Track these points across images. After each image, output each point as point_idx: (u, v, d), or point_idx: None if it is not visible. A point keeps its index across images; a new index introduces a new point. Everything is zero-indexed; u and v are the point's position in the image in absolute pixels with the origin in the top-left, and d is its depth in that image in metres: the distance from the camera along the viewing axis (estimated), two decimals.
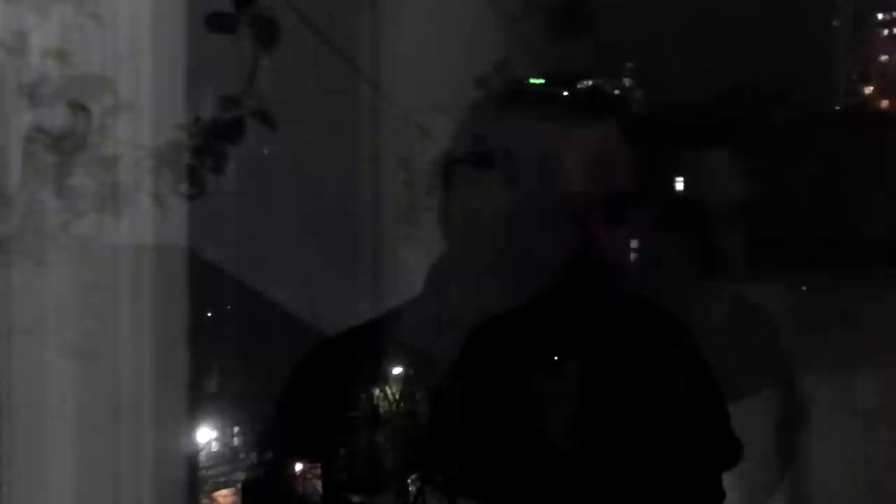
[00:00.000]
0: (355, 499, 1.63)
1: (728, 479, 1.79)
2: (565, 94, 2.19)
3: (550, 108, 1.66)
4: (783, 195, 2.78)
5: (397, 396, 1.64)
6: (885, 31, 3.10)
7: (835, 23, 3.09)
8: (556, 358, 1.61)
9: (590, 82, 2.68)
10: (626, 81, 2.81)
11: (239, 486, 1.95)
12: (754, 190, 2.33)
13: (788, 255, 2.69)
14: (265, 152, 2.08)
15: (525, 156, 1.59)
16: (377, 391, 1.63)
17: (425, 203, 1.65)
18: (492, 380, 1.65)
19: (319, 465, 1.63)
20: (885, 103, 3.08)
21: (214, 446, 2.06)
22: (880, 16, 3.11)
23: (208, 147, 1.70)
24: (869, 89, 3.08)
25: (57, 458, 1.66)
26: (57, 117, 1.60)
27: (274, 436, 1.66)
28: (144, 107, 1.66)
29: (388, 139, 1.95)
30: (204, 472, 2.04)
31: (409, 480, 1.63)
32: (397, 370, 1.66)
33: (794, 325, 2.51)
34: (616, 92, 2.77)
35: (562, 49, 2.12)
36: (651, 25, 2.73)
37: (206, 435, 2.04)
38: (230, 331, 2.19)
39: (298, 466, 1.65)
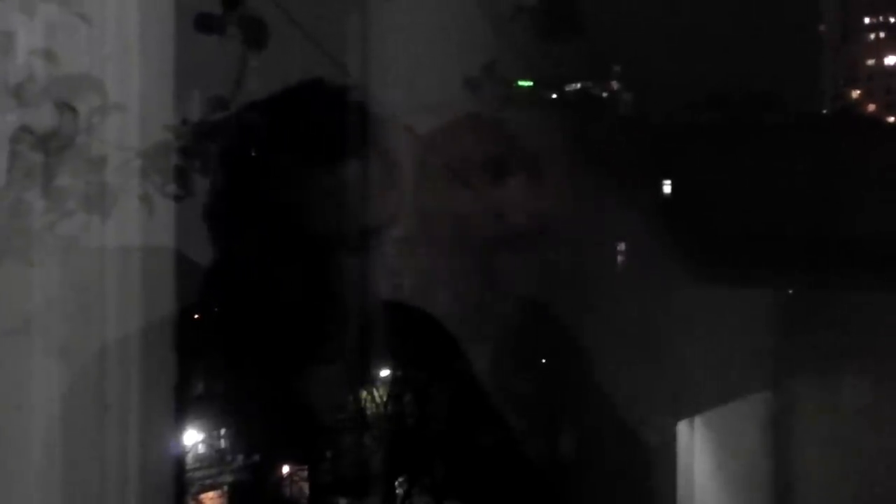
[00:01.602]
0: (342, 501, 1.63)
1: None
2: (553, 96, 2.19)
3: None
4: (770, 199, 2.78)
5: (384, 399, 1.64)
6: (872, 36, 3.11)
7: (822, 27, 3.10)
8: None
9: (577, 85, 2.69)
10: (615, 84, 2.82)
11: (226, 488, 1.94)
12: None
13: (775, 259, 2.70)
14: (253, 154, 2.07)
15: None
16: (364, 393, 1.63)
17: (411, 204, 1.65)
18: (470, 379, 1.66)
19: (306, 467, 1.63)
20: (871, 107, 3.09)
21: (201, 448, 2.05)
22: (867, 20, 3.12)
23: (196, 148, 1.69)
24: (856, 93, 3.09)
25: (42, 459, 1.65)
26: (44, 117, 1.59)
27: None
28: (132, 107, 1.66)
29: (377, 140, 1.95)
30: (190, 474, 2.02)
31: (395, 483, 1.62)
32: (384, 372, 1.66)
33: (781, 329, 2.52)
34: (604, 95, 2.78)
35: (551, 52, 2.12)
36: (639, 29, 2.74)
37: (192, 437, 2.03)
38: (217, 332, 2.18)
39: (285, 469, 1.64)
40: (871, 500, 2.37)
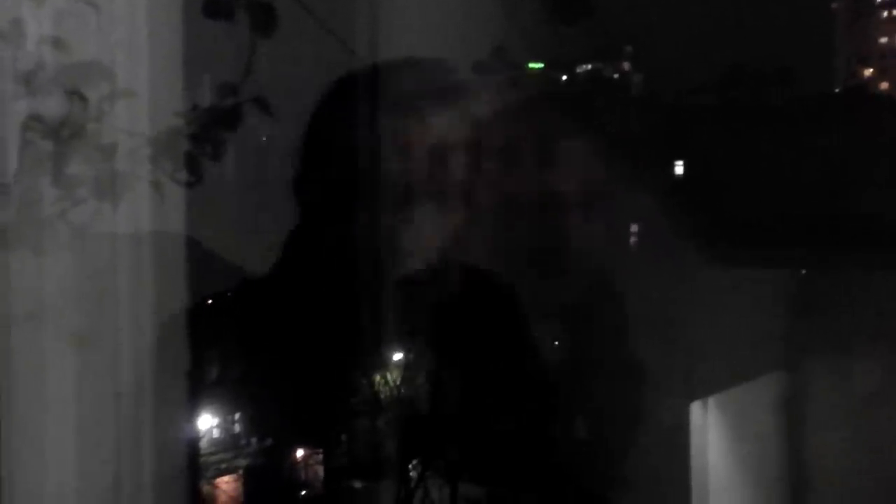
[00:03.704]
0: (357, 484, 1.63)
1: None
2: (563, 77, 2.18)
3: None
4: (782, 178, 2.77)
5: (398, 382, 1.64)
6: (885, 13, 3.09)
7: (834, 4, 3.08)
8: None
9: (588, 66, 2.68)
10: (625, 65, 2.81)
11: (241, 472, 1.95)
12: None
13: (787, 238, 2.69)
14: (263, 139, 2.08)
15: None
16: (378, 377, 1.64)
17: (420, 188, 1.65)
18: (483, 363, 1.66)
19: (321, 451, 1.63)
20: (884, 85, 3.07)
21: (216, 433, 2.06)
22: None
23: (206, 134, 1.69)
24: (868, 71, 3.07)
25: (57, 445, 1.66)
26: (54, 105, 1.59)
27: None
28: (142, 94, 1.66)
29: (386, 125, 1.94)
30: (205, 458, 2.04)
31: (410, 466, 1.63)
32: (397, 356, 1.66)
33: (794, 309, 2.51)
34: (615, 76, 2.77)
35: (560, 34, 2.11)
36: (650, 8, 2.72)
37: (207, 422, 2.04)
38: (230, 318, 2.19)
39: (300, 453, 1.65)
40: (884, 482, 2.37)
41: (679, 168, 2.62)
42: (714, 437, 2.42)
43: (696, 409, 2.43)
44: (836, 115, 2.86)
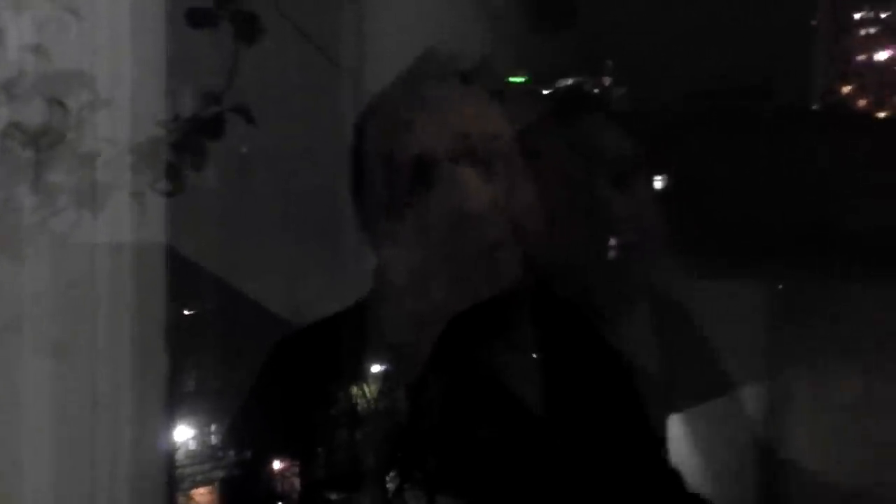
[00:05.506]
0: (333, 497, 1.62)
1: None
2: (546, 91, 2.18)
3: None
4: (760, 193, 2.79)
5: (375, 394, 1.64)
6: (864, 31, 3.11)
7: (813, 21, 3.10)
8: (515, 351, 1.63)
9: (570, 80, 2.69)
10: (606, 80, 2.82)
11: (217, 484, 1.95)
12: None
13: (765, 253, 2.70)
14: (245, 149, 2.07)
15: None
16: (355, 389, 1.63)
17: (405, 200, 1.64)
18: (463, 375, 1.65)
19: (297, 463, 1.62)
20: (862, 103, 3.09)
21: (192, 444, 2.05)
22: (858, 15, 3.12)
23: (188, 143, 1.69)
24: (847, 89, 3.09)
25: (33, 455, 1.65)
26: (34, 113, 1.59)
27: (248, 432, 1.65)
28: (123, 103, 1.65)
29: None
30: (181, 470, 2.03)
31: (387, 478, 1.62)
32: (375, 367, 1.66)
33: (771, 323, 2.53)
34: (595, 90, 2.78)
35: (544, 46, 2.12)
36: (630, 23, 2.74)
37: (183, 433, 2.03)
38: (209, 328, 2.18)
39: (277, 465, 1.64)
40: (861, 493, 2.38)
41: (658, 180, 2.63)
42: (692, 448, 2.42)
43: (674, 420, 2.43)
44: (815, 130, 2.88)
